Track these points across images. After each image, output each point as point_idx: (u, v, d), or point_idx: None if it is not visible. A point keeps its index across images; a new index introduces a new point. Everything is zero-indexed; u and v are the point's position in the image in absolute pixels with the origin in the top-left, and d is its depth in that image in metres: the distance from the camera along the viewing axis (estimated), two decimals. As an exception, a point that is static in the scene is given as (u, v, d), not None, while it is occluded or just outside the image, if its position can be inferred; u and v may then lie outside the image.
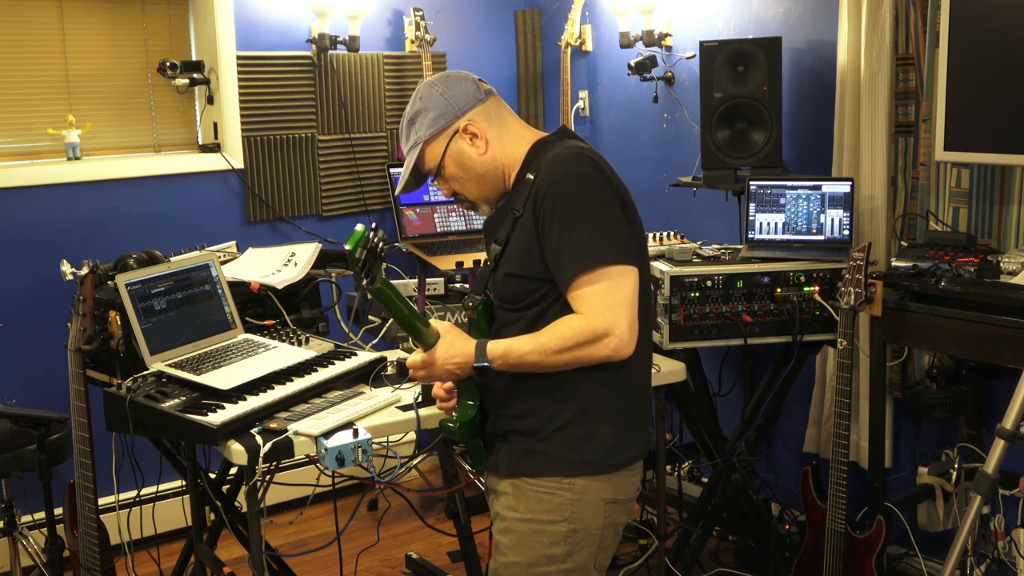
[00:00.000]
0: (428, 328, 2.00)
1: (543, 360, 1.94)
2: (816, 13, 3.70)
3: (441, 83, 2.08)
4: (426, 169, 2.11)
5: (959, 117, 3.04)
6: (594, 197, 1.93)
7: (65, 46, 3.89)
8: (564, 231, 1.91)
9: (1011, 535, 3.11)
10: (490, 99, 2.09)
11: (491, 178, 2.08)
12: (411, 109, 2.09)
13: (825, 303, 3.16)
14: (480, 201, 2.12)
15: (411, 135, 2.09)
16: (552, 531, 2.01)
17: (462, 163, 2.06)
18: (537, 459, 2.02)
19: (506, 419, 2.07)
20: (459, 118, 2.05)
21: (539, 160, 2.02)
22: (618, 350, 1.91)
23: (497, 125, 2.08)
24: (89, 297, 2.69)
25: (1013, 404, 2.18)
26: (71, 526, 2.96)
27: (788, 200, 3.38)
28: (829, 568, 3.08)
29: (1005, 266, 2.88)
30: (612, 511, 2.05)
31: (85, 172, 3.85)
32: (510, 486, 2.07)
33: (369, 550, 3.68)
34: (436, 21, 4.53)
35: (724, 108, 3.60)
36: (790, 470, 3.92)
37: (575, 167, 1.95)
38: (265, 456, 2.27)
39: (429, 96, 2.07)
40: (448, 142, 2.06)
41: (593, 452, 2.01)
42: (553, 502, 2.01)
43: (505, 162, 2.07)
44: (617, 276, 1.91)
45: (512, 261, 2.01)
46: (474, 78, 2.11)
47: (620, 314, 1.90)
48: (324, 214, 4.41)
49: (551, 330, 1.94)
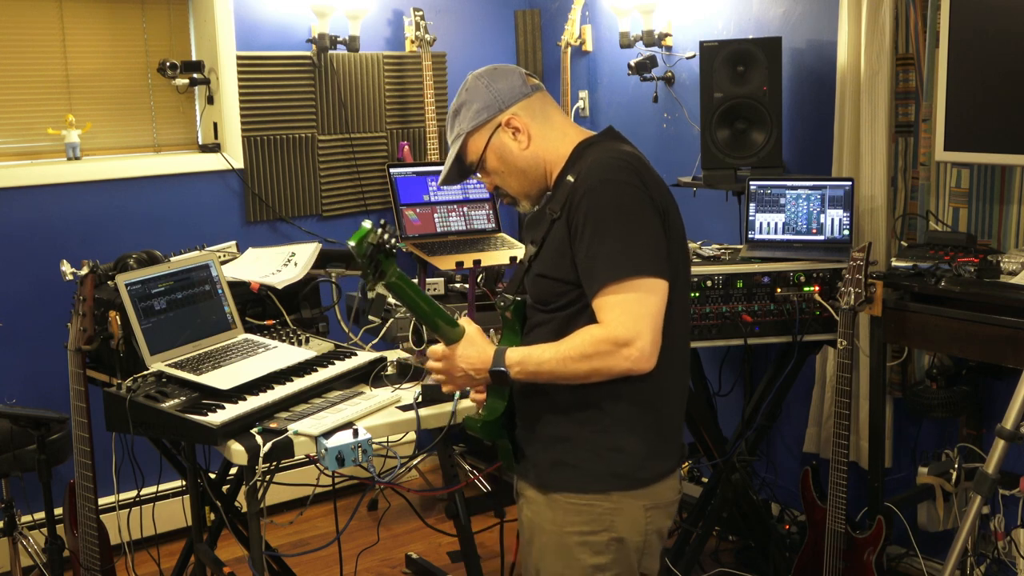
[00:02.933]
0: (452, 328, 1.97)
1: (560, 369, 1.89)
2: (816, 13, 3.70)
3: (487, 76, 2.05)
4: (468, 162, 2.08)
5: (959, 117, 3.04)
6: (629, 206, 1.89)
7: (65, 46, 3.89)
8: (595, 238, 1.88)
9: (1011, 535, 3.11)
10: (536, 94, 2.06)
11: (532, 174, 2.05)
12: (457, 100, 2.07)
13: (825, 303, 3.16)
14: (521, 197, 2.09)
15: (455, 126, 2.07)
16: (594, 541, 1.98)
17: (503, 157, 2.04)
18: (566, 472, 1.99)
19: (534, 425, 2.04)
20: (502, 111, 2.02)
21: (582, 162, 1.98)
22: (638, 363, 1.85)
23: (541, 121, 2.05)
24: (89, 297, 2.69)
25: (1013, 404, 2.18)
26: (71, 526, 2.96)
27: (788, 200, 3.38)
28: (829, 568, 3.07)
29: (1005, 266, 2.88)
30: (653, 517, 2.01)
31: (85, 172, 3.85)
32: (544, 498, 2.03)
33: (369, 550, 3.68)
34: (436, 21, 4.53)
35: (724, 108, 3.60)
36: (790, 470, 3.92)
37: (613, 174, 1.91)
38: (265, 456, 2.27)
39: (475, 88, 2.04)
40: (490, 135, 2.03)
41: (623, 466, 1.96)
42: (592, 513, 1.97)
43: (547, 159, 2.04)
44: (644, 289, 1.86)
45: (545, 262, 1.98)
46: (521, 72, 2.07)
47: (643, 327, 1.85)
48: (324, 214, 4.41)
49: (570, 339, 1.90)
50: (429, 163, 3.95)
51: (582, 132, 2.09)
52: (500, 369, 1.94)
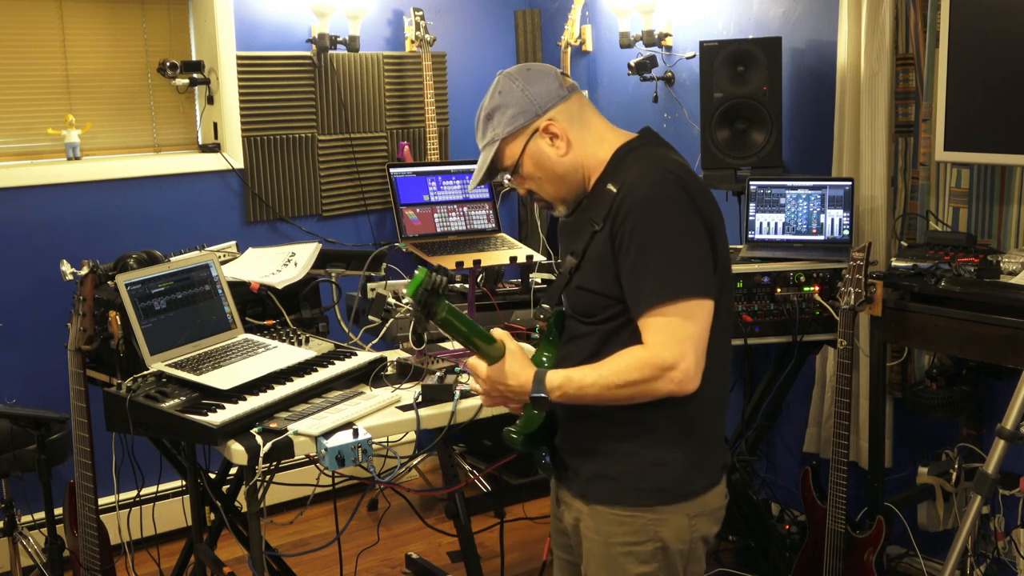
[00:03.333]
0: (491, 344, 1.93)
1: (603, 393, 1.85)
2: (816, 13, 3.70)
3: (522, 78, 1.96)
4: (502, 167, 2.01)
5: (959, 117, 3.04)
6: (676, 224, 1.83)
7: (65, 46, 3.89)
8: (641, 256, 1.83)
9: (1011, 535, 3.11)
10: (573, 96, 1.98)
11: (570, 180, 1.98)
12: (489, 103, 1.98)
13: (825, 303, 3.16)
14: (556, 202, 2.02)
15: (488, 131, 1.98)
16: (640, 551, 1.95)
17: (540, 163, 1.96)
18: (608, 486, 1.96)
19: (574, 437, 2.01)
20: (539, 117, 1.94)
21: (623, 170, 1.92)
22: (682, 385, 1.81)
23: (579, 125, 1.97)
24: (89, 297, 2.69)
25: (1013, 404, 2.18)
26: (71, 526, 2.96)
27: (788, 200, 3.38)
28: (829, 568, 3.07)
29: (1005, 266, 2.88)
30: (699, 524, 1.98)
31: (85, 172, 3.85)
32: (587, 508, 2.01)
33: (369, 550, 3.68)
34: (436, 21, 4.53)
35: (724, 108, 3.60)
36: (790, 470, 3.92)
37: (660, 189, 1.84)
38: (265, 456, 2.27)
39: (509, 91, 1.96)
40: (527, 141, 1.95)
41: (665, 480, 1.93)
42: (635, 524, 1.94)
43: (586, 164, 1.97)
44: (690, 311, 1.81)
45: (587, 275, 1.93)
46: (557, 72, 1.99)
47: (688, 348, 1.81)
48: (324, 214, 4.41)
49: (613, 362, 1.85)
50: (429, 163, 3.96)
51: (620, 135, 2.01)
52: (541, 395, 1.89)
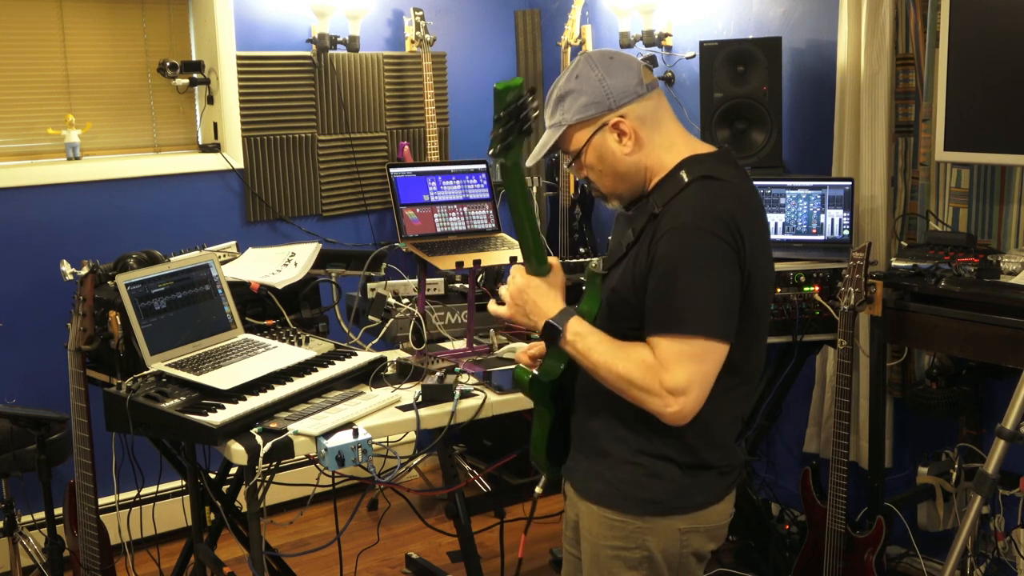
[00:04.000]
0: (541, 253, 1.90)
1: (601, 372, 1.85)
2: (816, 13, 3.70)
3: (602, 66, 1.90)
4: (565, 152, 1.97)
5: (959, 117, 3.04)
6: (708, 260, 1.79)
7: (65, 46, 3.89)
8: (664, 283, 1.80)
9: (1011, 535, 3.11)
10: (651, 94, 1.91)
11: (630, 178, 1.93)
12: (565, 84, 1.92)
13: (825, 303, 3.16)
14: (611, 196, 1.99)
15: (557, 112, 1.93)
16: (628, 557, 1.94)
17: (603, 157, 1.92)
18: (604, 488, 1.96)
19: (580, 430, 2.02)
20: (612, 111, 1.88)
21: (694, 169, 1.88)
22: (673, 417, 1.80)
23: (651, 126, 1.91)
24: (89, 297, 2.69)
25: (1013, 404, 2.18)
26: (71, 526, 2.96)
27: (788, 200, 3.38)
28: (829, 568, 3.07)
29: (1005, 266, 2.88)
30: (691, 539, 1.94)
31: (85, 172, 3.85)
32: (583, 504, 2.01)
33: (369, 550, 3.68)
34: (436, 21, 4.53)
35: (724, 108, 3.60)
36: (790, 470, 3.92)
37: (704, 221, 1.79)
38: (265, 456, 2.27)
39: (586, 78, 1.89)
40: (594, 133, 1.90)
41: (661, 492, 1.91)
42: (624, 529, 1.94)
43: (650, 166, 1.92)
44: (705, 351, 1.79)
45: (619, 277, 1.91)
46: (639, 66, 1.92)
47: (694, 385, 1.78)
48: (324, 214, 4.41)
49: (627, 352, 1.84)
50: (429, 163, 3.95)
51: (692, 144, 1.95)
52: (555, 326, 1.88)
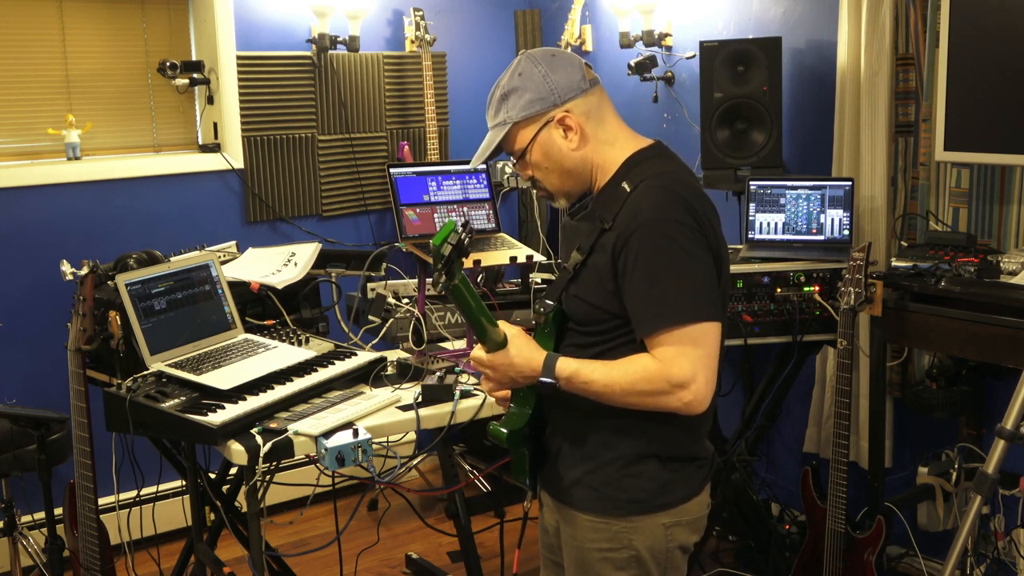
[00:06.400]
0: (494, 328, 1.88)
1: (608, 394, 1.83)
2: (816, 13, 3.70)
3: (545, 63, 1.90)
4: (509, 151, 1.96)
5: (959, 117, 3.05)
6: (682, 248, 1.80)
7: (65, 46, 3.89)
8: (645, 281, 1.79)
9: (1011, 535, 3.11)
10: (594, 90, 1.92)
11: (577, 175, 1.94)
12: (508, 83, 1.92)
13: (825, 303, 3.16)
14: (558, 194, 1.98)
15: (501, 111, 1.93)
16: (615, 558, 1.93)
17: (549, 154, 1.92)
18: (584, 493, 1.95)
19: (557, 437, 2.00)
20: (556, 107, 1.89)
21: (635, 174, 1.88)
22: (690, 406, 1.79)
23: (596, 121, 1.92)
24: (89, 297, 2.69)
25: (1013, 404, 2.18)
26: (71, 526, 2.96)
27: (788, 200, 3.38)
28: (829, 568, 3.07)
29: (1005, 266, 2.88)
30: (675, 533, 1.95)
31: (85, 172, 3.85)
32: (564, 514, 2.00)
33: (369, 550, 3.68)
34: (436, 21, 4.53)
35: (724, 108, 3.60)
36: (790, 470, 3.92)
37: (666, 212, 1.80)
38: (265, 456, 2.27)
39: (530, 75, 1.89)
40: (539, 129, 1.90)
41: (642, 491, 1.91)
42: (609, 531, 1.93)
43: (596, 162, 1.93)
44: (702, 334, 1.79)
45: (584, 286, 1.90)
46: (581, 63, 1.93)
47: (700, 368, 1.78)
48: (324, 214, 4.41)
49: (623, 366, 1.83)
50: (429, 163, 3.95)
51: (635, 140, 1.96)
52: (547, 382, 1.87)
